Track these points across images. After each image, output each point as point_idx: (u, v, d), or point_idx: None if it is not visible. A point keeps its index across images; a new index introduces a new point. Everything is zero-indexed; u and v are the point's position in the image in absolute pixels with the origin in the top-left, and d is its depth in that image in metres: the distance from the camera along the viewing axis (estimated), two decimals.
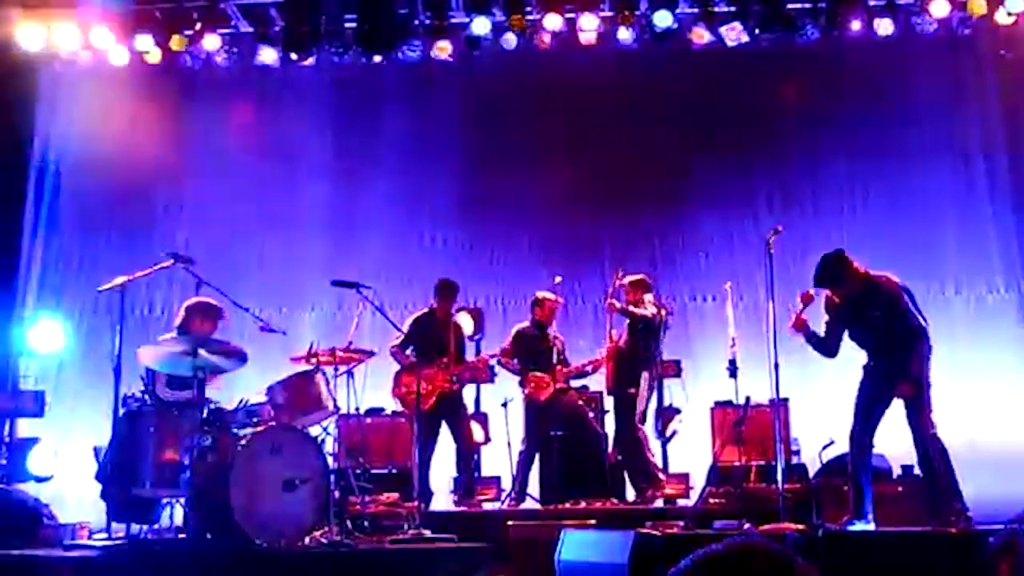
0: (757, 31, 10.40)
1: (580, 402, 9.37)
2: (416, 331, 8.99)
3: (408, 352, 8.92)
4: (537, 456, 9.23)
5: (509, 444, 9.30)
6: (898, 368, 7.02)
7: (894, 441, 7.46)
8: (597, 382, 9.71)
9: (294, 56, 10.65)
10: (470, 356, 9.44)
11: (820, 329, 7.43)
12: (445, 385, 8.91)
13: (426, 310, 9.25)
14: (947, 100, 10.91)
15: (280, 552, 6.53)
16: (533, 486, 9.26)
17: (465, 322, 9.47)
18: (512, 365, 9.30)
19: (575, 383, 9.67)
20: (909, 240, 10.44)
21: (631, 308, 9.10)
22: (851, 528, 7.01)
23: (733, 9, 10.49)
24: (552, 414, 9.14)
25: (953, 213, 10.80)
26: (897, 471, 8.08)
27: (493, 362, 9.41)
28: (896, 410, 7.15)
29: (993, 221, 10.83)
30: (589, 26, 10.58)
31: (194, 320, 7.58)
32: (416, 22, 10.75)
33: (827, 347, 7.44)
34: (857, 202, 10.96)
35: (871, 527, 7.05)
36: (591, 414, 9.42)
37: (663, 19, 10.42)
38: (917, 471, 7.47)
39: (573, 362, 9.50)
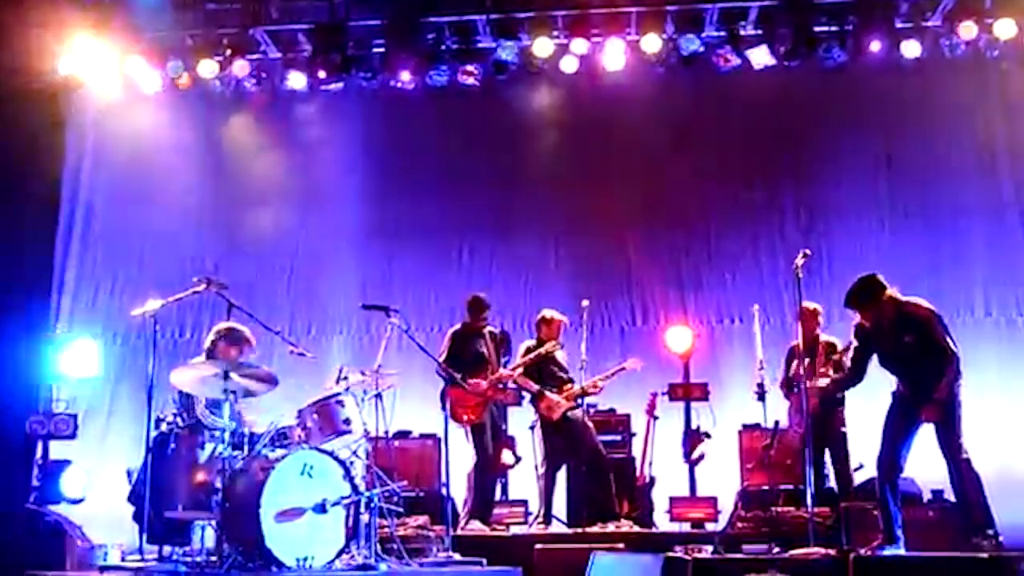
0: (784, 54, 10.46)
1: (588, 423, 9.13)
2: (454, 346, 8.99)
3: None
4: (564, 478, 9.19)
5: (536, 467, 9.27)
6: (926, 393, 6.99)
7: (924, 466, 7.40)
8: (625, 403, 9.72)
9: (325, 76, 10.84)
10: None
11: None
12: (495, 395, 8.93)
13: (459, 325, 9.24)
14: (975, 122, 10.87)
15: (310, 574, 6.57)
16: (560, 509, 9.21)
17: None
18: (528, 384, 9.19)
19: (604, 404, 9.67)
20: (938, 262, 10.39)
21: None
22: (882, 553, 6.97)
23: (759, 32, 10.55)
24: (564, 435, 9.07)
25: (982, 235, 10.73)
26: (927, 496, 8.02)
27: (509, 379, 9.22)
28: (928, 434, 7.10)
29: (1023, 242, 10.76)
30: (615, 50, 10.66)
31: (221, 344, 7.64)
32: (443, 47, 10.86)
33: (851, 377, 7.51)
34: (884, 224, 10.91)
35: (902, 551, 7.01)
36: (598, 436, 9.26)
37: (690, 43, 10.50)
38: (948, 496, 7.42)
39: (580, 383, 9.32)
